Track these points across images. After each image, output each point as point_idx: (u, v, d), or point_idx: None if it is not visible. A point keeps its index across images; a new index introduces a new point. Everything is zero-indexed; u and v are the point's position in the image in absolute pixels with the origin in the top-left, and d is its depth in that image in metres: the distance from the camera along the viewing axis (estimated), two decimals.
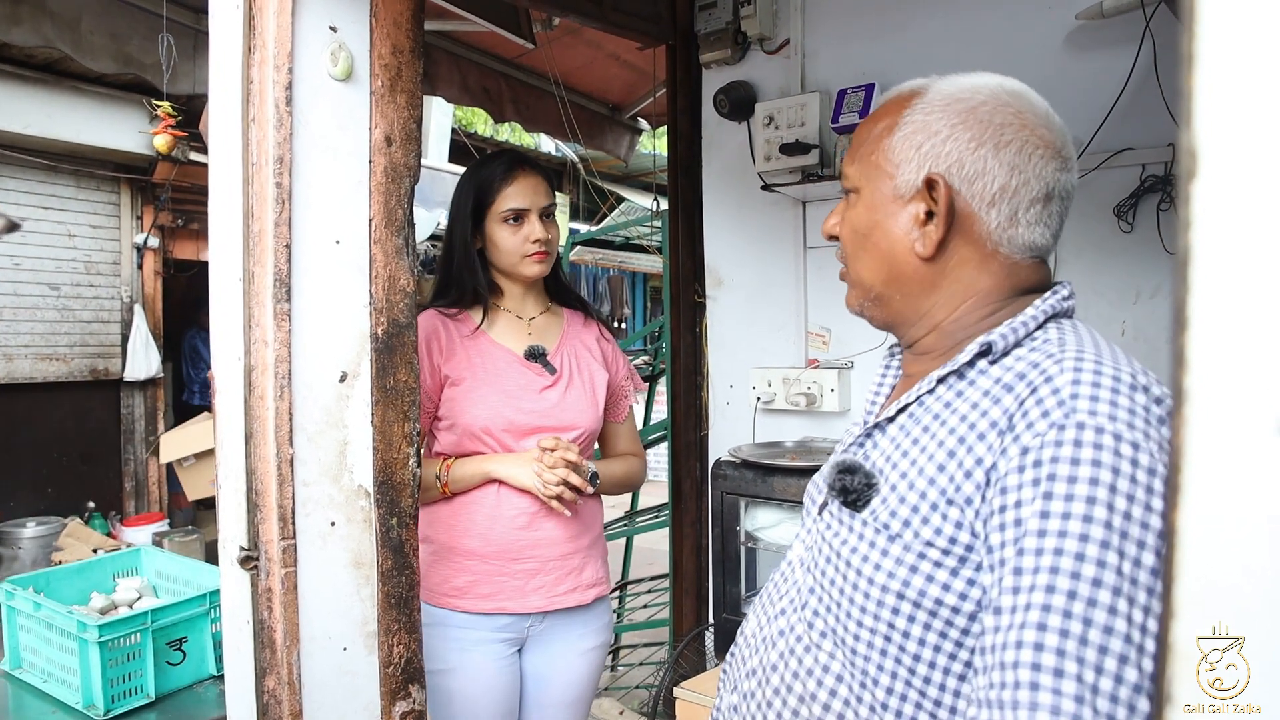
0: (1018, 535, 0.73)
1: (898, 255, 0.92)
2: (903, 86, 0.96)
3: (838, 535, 0.90)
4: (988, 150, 0.87)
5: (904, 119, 0.91)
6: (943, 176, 0.88)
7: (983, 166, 0.87)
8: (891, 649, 0.83)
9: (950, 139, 0.88)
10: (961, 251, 0.90)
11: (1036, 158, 0.88)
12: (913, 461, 0.86)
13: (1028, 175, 0.87)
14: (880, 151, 0.93)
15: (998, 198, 0.88)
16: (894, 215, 0.92)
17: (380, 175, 1.53)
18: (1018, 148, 0.87)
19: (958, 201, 0.89)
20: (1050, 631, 0.68)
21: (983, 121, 0.88)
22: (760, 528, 1.94)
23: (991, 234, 0.89)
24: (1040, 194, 0.88)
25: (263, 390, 1.42)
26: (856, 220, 0.96)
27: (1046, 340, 0.85)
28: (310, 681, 1.47)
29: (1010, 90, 0.90)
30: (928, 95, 0.92)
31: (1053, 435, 0.74)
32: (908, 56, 2.14)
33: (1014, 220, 0.88)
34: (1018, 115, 0.88)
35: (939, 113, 0.89)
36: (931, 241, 0.90)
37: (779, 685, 0.94)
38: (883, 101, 0.97)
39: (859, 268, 0.97)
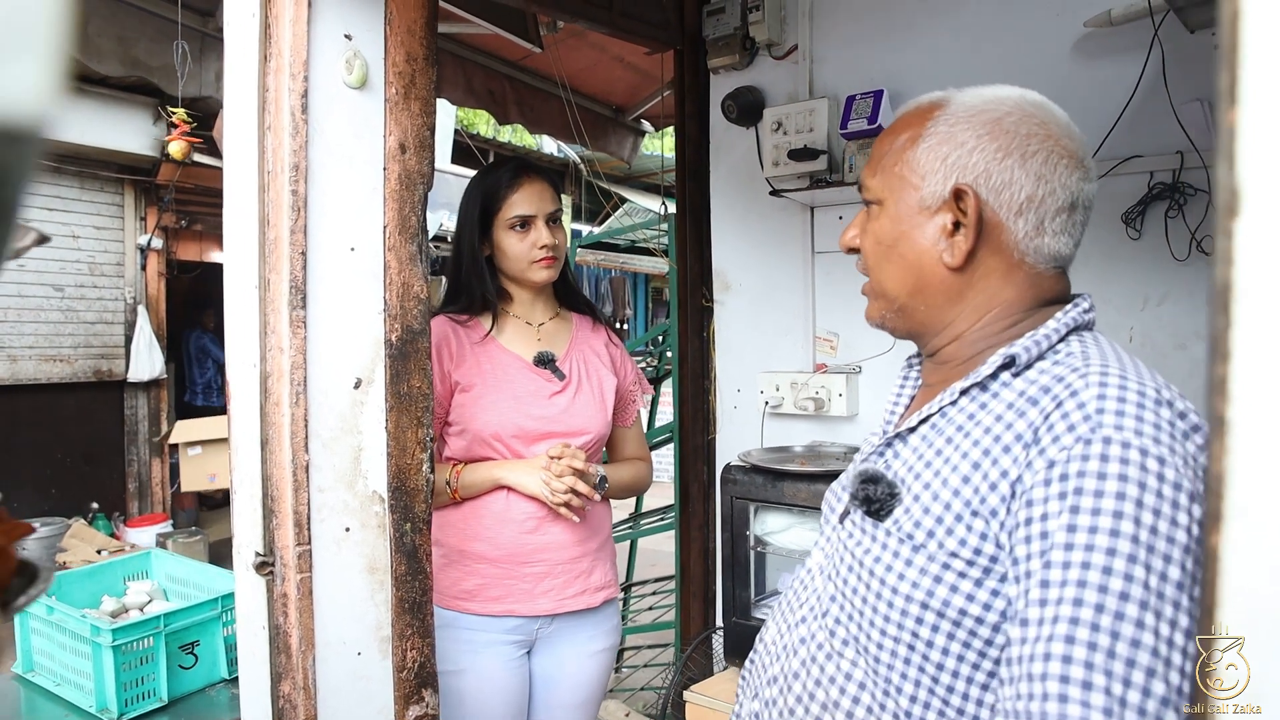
0: (1044, 548, 0.74)
1: (925, 266, 0.93)
2: (922, 99, 0.97)
3: (860, 544, 0.91)
4: (1014, 160, 0.88)
5: (928, 130, 0.92)
6: (971, 187, 0.89)
7: (1010, 177, 0.88)
8: (915, 658, 0.84)
9: (977, 150, 0.89)
10: (988, 262, 0.91)
11: (1062, 168, 0.89)
12: (936, 472, 0.86)
13: (1054, 185, 0.88)
14: (904, 163, 0.93)
15: (1025, 207, 0.89)
16: (920, 226, 0.93)
17: (394, 182, 1.54)
18: (1043, 158, 0.88)
19: (985, 212, 0.89)
20: (1078, 644, 0.69)
21: (1008, 132, 0.89)
22: (770, 532, 1.95)
23: (1019, 244, 0.90)
24: (1065, 203, 0.89)
25: (278, 397, 1.43)
26: (881, 232, 0.96)
27: (1070, 354, 0.86)
28: (325, 686, 1.48)
29: (1033, 101, 0.91)
30: (951, 107, 0.92)
31: (1079, 449, 0.75)
32: (916, 64, 2.15)
33: (1040, 230, 0.89)
34: (1042, 126, 0.89)
35: (964, 124, 0.90)
36: (961, 252, 0.90)
37: (801, 692, 0.95)
38: (902, 113, 0.98)
39: (883, 279, 0.97)
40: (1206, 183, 1.79)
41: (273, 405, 1.44)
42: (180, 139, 3.38)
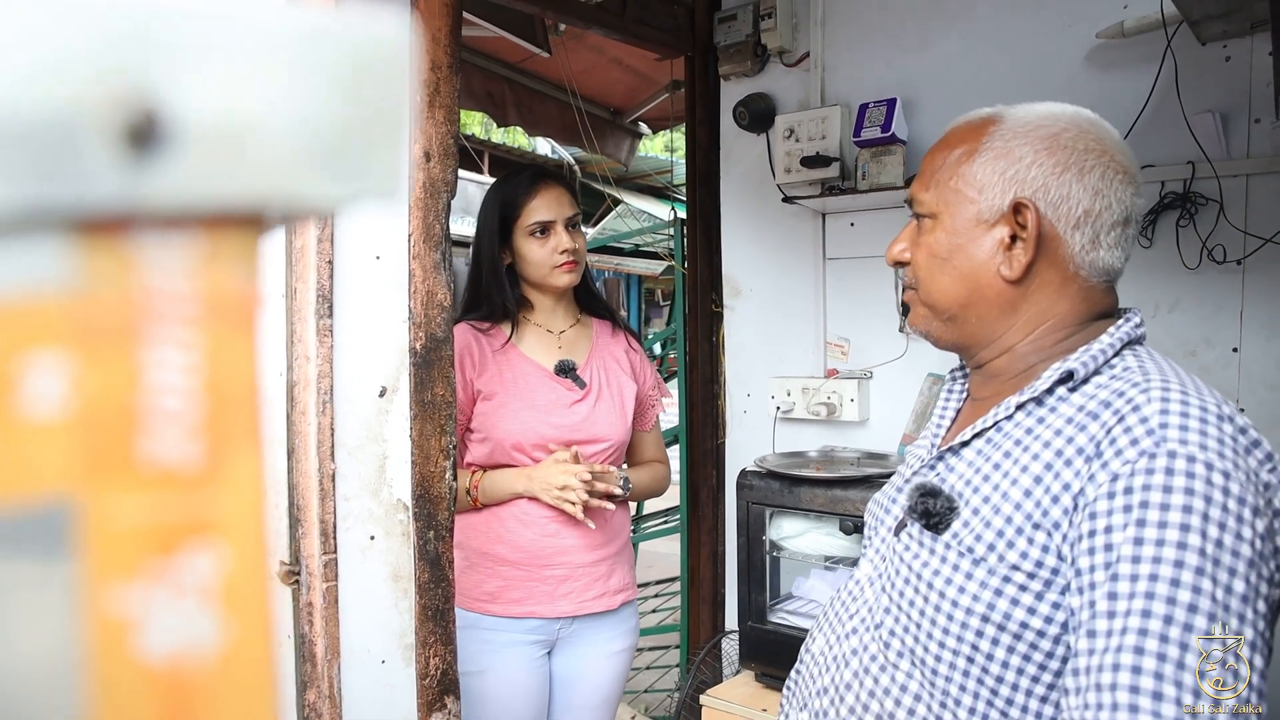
0: (1109, 560, 0.76)
1: (981, 278, 0.94)
2: (973, 114, 0.98)
3: (918, 557, 0.92)
4: (1072, 175, 0.90)
5: (984, 145, 0.94)
6: (1031, 200, 0.90)
7: (1067, 191, 0.90)
8: (974, 670, 0.85)
9: (1035, 164, 0.91)
10: (1045, 275, 0.93)
11: (1117, 183, 0.90)
12: (995, 486, 0.87)
13: (1109, 199, 0.90)
14: (960, 177, 0.95)
15: (1082, 221, 0.90)
16: (977, 239, 0.94)
17: (419, 190, 1.54)
18: (1100, 173, 0.90)
19: (1044, 225, 0.91)
20: (1148, 655, 0.70)
21: (1066, 147, 0.90)
22: (785, 537, 1.96)
23: (1074, 257, 0.91)
24: (1120, 218, 0.91)
25: (305, 405, 1.43)
26: (936, 245, 0.97)
27: (1127, 369, 0.87)
28: (349, 695, 1.48)
29: (1088, 118, 0.93)
30: (1006, 122, 0.94)
31: (1144, 463, 0.76)
32: (929, 73, 2.17)
33: (1096, 244, 0.91)
34: (1098, 141, 0.91)
35: (1021, 139, 0.92)
36: (1020, 265, 0.92)
37: (854, 704, 0.96)
38: (954, 128, 0.99)
39: (935, 290, 0.98)
40: (1217, 192, 1.82)
41: (299, 414, 1.44)
42: None
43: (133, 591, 0.13)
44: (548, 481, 1.76)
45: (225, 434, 0.14)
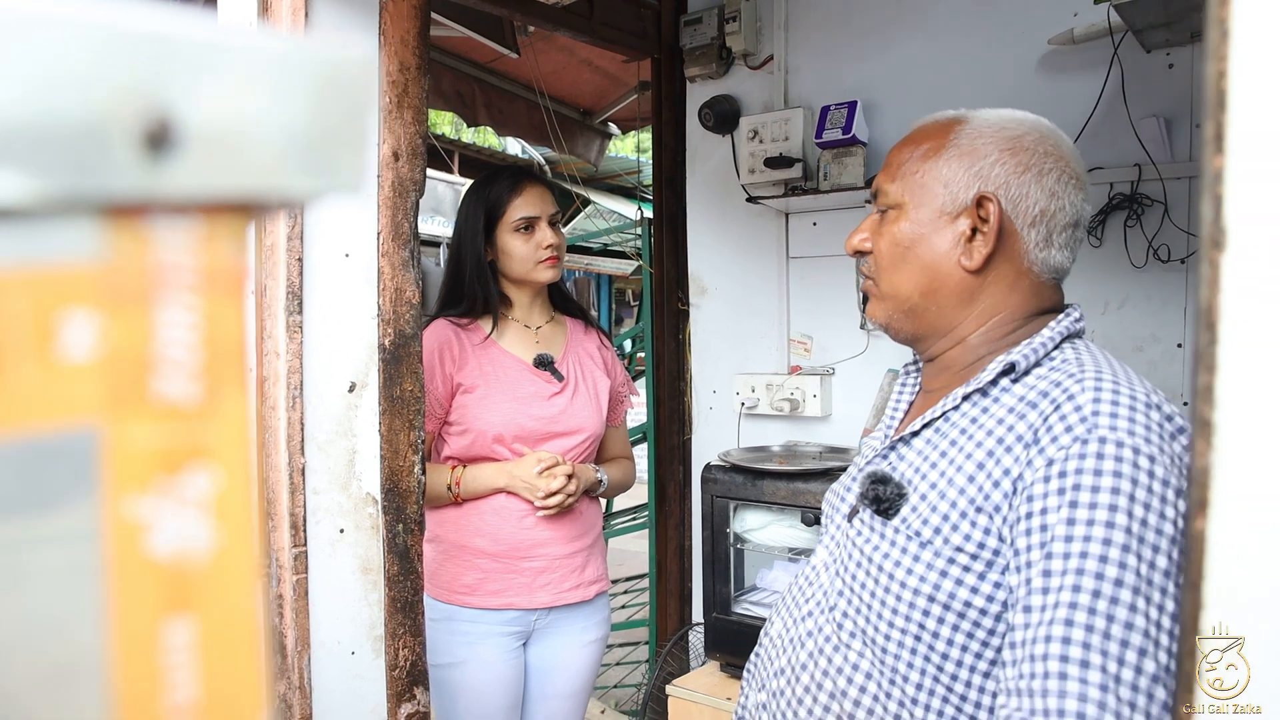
0: (1044, 539, 0.81)
1: (942, 268, 0.99)
2: (940, 115, 1.03)
3: (869, 541, 0.96)
4: (1031, 176, 0.95)
5: (951, 141, 0.99)
6: (994, 195, 0.96)
7: (1026, 191, 0.95)
8: (921, 647, 0.90)
9: (999, 163, 0.96)
10: (1001, 268, 0.98)
11: (1070, 187, 0.97)
12: (941, 473, 0.92)
13: (1064, 202, 0.96)
14: (926, 170, 1.00)
15: (1037, 220, 0.96)
16: (939, 231, 0.99)
17: (388, 190, 1.56)
18: (1056, 176, 0.96)
19: (1004, 220, 0.96)
20: (1077, 627, 0.75)
21: (1027, 150, 0.96)
22: (749, 529, 2.01)
23: (1028, 253, 0.97)
24: (1071, 220, 0.97)
25: (275, 400, 1.45)
26: (899, 235, 1.02)
27: (1065, 360, 0.92)
28: (320, 686, 1.50)
29: (1047, 126, 0.99)
30: (973, 123, 1.00)
31: (1076, 448, 0.82)
32: (888, 76, 2.22)
33: (1049, 242, 0.97)
34: (1056, 148, 0.97)
35: (987, 139, 0.98)
36: (981, 255, 0.97)
37: (809, 683, 1.00)
38: (921, 126, 1.04)
39: (896, 280, 1.02)
40: (1163, 194, 1.89)
41: (269, 409, 1.46)
42: None
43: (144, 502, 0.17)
44: (527, 480, 1.80)
45: (219, 378, 0.17)
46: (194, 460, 0.17)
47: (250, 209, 0.18)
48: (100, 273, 0.16)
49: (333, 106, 0.18)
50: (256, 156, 0.17)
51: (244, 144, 0.17)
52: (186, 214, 0.17)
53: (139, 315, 0.16)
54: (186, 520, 0.17)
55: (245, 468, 0.17)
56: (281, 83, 0.17)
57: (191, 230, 0.17)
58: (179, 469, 0.17)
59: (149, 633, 0.17)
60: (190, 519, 0.17)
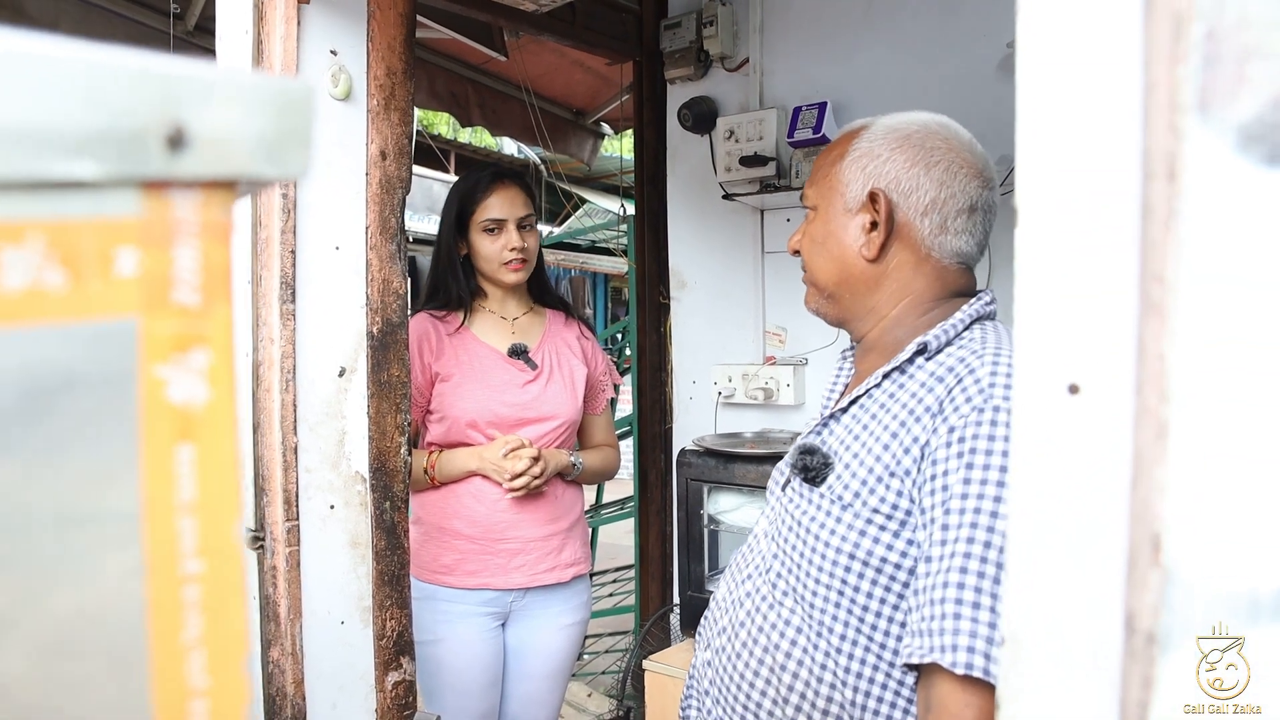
0: (945, 499, 0.90)
1: (847, 258, 1.09)
2: (853, 123, 1.14)
3: (799, 507, 1.06)
4: (920, 169, 1.05)
5: (853, 147, 1.10)
6: (883, 190, 1.06)
7: (916, 183, 1.05)
8: (844, 601, 0.99)
9: (889, 160, 1.06)
10: (900, 255, 1.08)
11: (961, 176, 1.05)
12: (863, 444, 1.02)
13: (954, 190, 1.05)
14: (834, 174, 1.11)
15: (929, 208, 1.05)
16: (845, 226, 1.09)
17: (376, 187, 1.66)
18: (944, 167, 1.05)
19: (896, 213, 1.06)
20: (970, 574, 0.85)
21: (916, 146, 1.06)
22: (722, 511, 2.11)
23: (925, 240, 1.07)
24: (965, 206, 1.06)
25: (269, 384, 1.55)
26: (815, 232, 1.13)
27: (971, 339, 1.02)
28: (311, 653, 1.59)
29: (940, 122, 1.09)
30: (873, 128, 1.10)
31: (974, 416, 0.91)
32: (857, 77, 2.32)
33: (944, 228, 1.06)
34: (945, 141, 1.06)
35: (880, 140, 1.08)
36: (875, 245, 1.07)
37: (746, 639, 1.09)
38: (838, 135, 1.15)
39: (816, 271, 1.14)
40: None
41: (264, 391, 1.55)
42: None
43: (164, 368, 0.26)
44: (496, 462, 1.89)
45: (212, 292, 0.27)
46: (196, 344, 0.27)
47: (234, 186, 0.28)
48: (140, 223, 0.26)
49: (286, 120, 0.28)
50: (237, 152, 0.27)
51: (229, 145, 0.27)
52: (193, 189, 0.26)
53: (163, 251, 0.26)
54: (191, 382, 0.26)
55: (229, 350, 0.27)
56: (253, 106, 0.27)
57: (196, 198, 0.27)
58: (187, 349, 0.27)
59: (166, 454, 0.26)
60: (193, 381, 0.27)
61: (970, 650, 0.82)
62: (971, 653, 0.82)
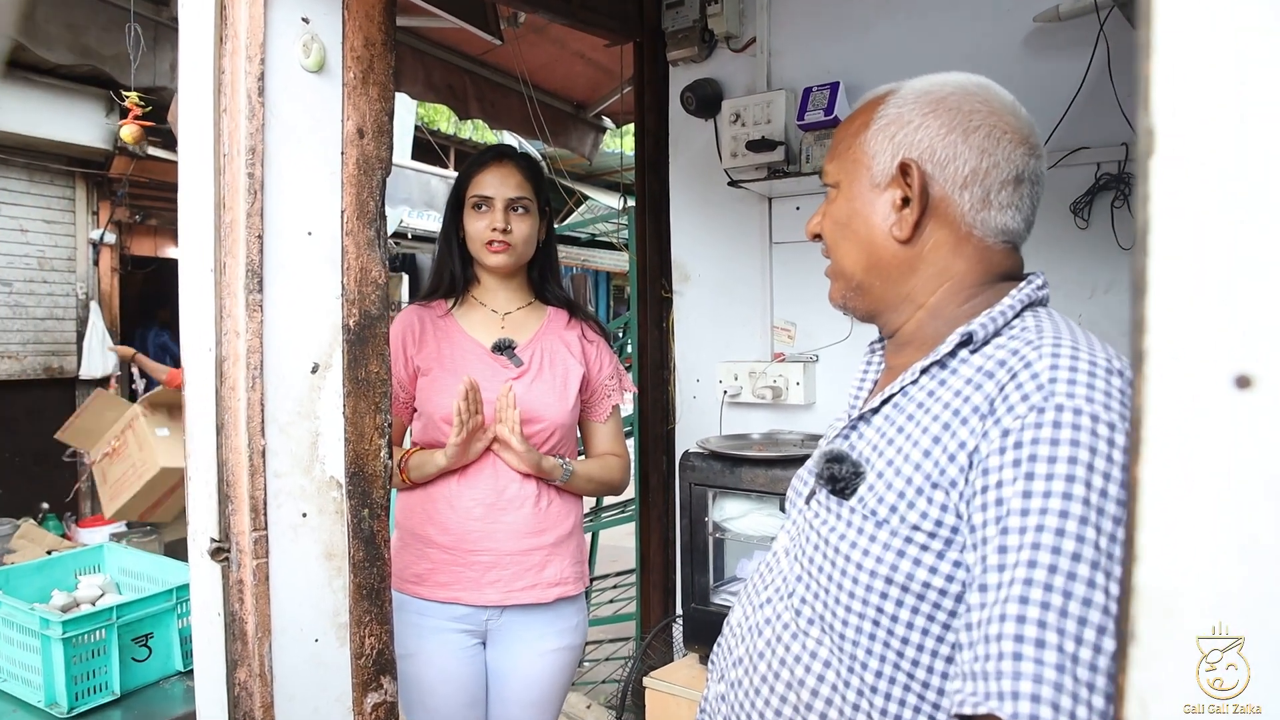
0: (1000, 514, 0.76)
1: (876, 240, 0.96)
2: (877, 89, 1.01)
3: (826, 523, 0.92)
4: (957, 136, 0.91)
5: (878, 114, 0.96)
6: (915, 161, 0.92)
7: (954, 151, 0.91)
8: (880, 633, 0.86)
9: (921, 127, 0.92)
10: (937, 234, 0.94)
11: (1005, 142, 0.92)
12: (898, 449, 0.88)
13: (997, 158, 0.91)
14: (857, 146, 0.97)
15: (969, 180, 0.92)
16: (872, 203, 0.96)
17: (352, 167, 1.53)
18: (985, 132, 0.91)
19: (931, 186, 0.93)
20: (1032, 605, 0.71)
21: (951, 109, 0.92)
22: (728, 518, 1.97)
23: (965, 215, 0.93)
24: (1010, 176, 0.92)
25: (234, 381, 1.42)
26: (837, 212, 1.00)
27: (1024, 328, 0.88)
28: (282, 673, 1.47)
29: (976, 82, 0.95)
30: (900, 92, 0.97)
31: (1032, 417, 0.77)
32: (871, 56, 2.19)
33: (986, 202, 0.92)
34: (985, 103, 0.93)
35: (910, 105, 0.94)
36: (908, 224, 0.93)
37: (766, 672, 0.96)
38: (859, 103, 1.02)
39: (840, 258, 1.01)
40: None
41: (228, 390, 1.42)
42: (133, 123, 3.29)
43: None
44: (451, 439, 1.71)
45: None
46: None
47: None
48: None
49: None
50: None
51: None
52: None
53: None
54: None
55: None
56: None
57: None
58: None
59: None
60: None
61: (1035, 699, 0.68)
62: (1036, 702, 0.67)
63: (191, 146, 1.46)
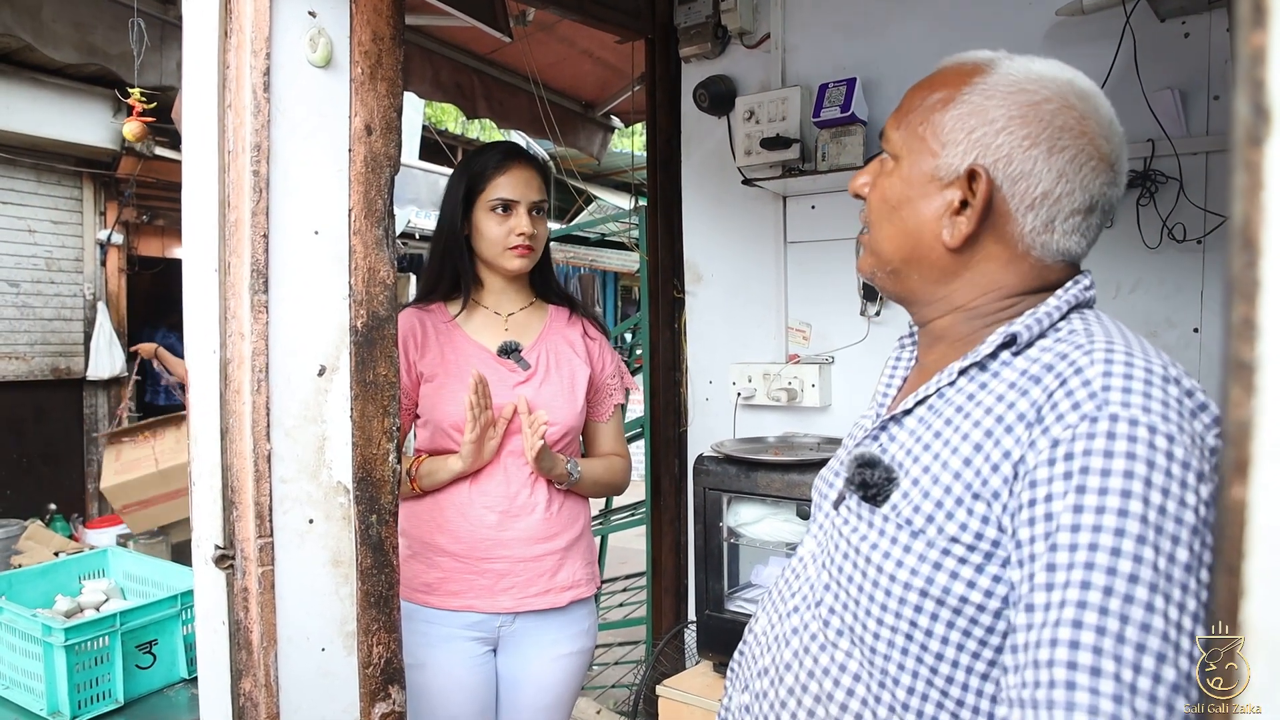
0: (1049, 530, 0.72)
1: (923, 238, 0.89)
2: (966, 57, 0.91)
3: (856, 531, 0.88)
4: (1040, 151, 0.83)
5: (962, 96, 0.87)
6: (986, 169, 0.85)
7: (1030, 167, 0.84)
8: (913, 648, 0.81)
9: (1005, 131, 0.84)
10: (990, 248, 0.88)
11: (1088, 169, 0.84)
12: (935, 455, 0.83)
13: (1074, 185, 0.84)
14: (929, 124, 0.88)
15: (1038, 202, 0.85)
16: (928, 196, 0.89)
17: (360, 165, 1.49)
18: (1071, 155, 0.83)
19: (996, 198, 0.85)
20: (1087, 629, 0.67)
21: (1043, 120, 0.83)
22: (743, 524, 1.93)
23: (1024, 237, 0.86)
24: (1083, 205, 0.85)
25: (239, 384, 1.38)
26: (889, 190, 0.92)
27: (1072, 331, 0.83)
28: (288, 683, 1.43)
29: (1079, 92, 0.85)
30: (993, 77, 0.86)
31: (1085, 427, 0.72)
32: (889, 52, 2.14)
33: (1050, 227, 0.85)
34: (1080, 120, 0.84)
35: (1000, 99, 0.85)
36: (960, 235, 0.87)
37: (793, 684, 0.92)
38: (943, 69, 0.92)
39: (880, 238, 0.94)
40: (1177, 171, 1.80)
41: (233, 393, 1.39)
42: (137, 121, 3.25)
43: None
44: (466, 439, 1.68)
45: None
46: None
47: None
48: None
49: None
50: None
51: None
52: None
53: None
54: None
55: None
56: None
57: None
58: None
59: None
60: None
61: None
62: None
63: (196, 144, 1.42)
